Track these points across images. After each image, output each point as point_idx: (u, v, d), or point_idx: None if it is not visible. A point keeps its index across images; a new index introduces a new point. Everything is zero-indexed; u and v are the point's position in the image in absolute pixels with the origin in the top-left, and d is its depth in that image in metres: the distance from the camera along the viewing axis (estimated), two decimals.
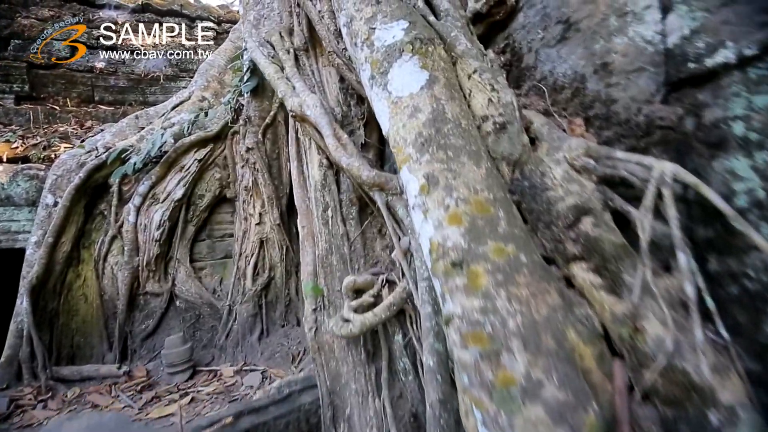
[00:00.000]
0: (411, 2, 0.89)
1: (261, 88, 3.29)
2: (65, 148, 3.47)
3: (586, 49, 0.84)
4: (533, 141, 0.83)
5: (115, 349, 3.12)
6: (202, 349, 3.30)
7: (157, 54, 5.39)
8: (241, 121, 3.33)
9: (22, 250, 3.03)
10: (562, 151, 0.77)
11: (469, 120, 0.79)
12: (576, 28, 0.84)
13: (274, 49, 1.66)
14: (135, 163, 2.99)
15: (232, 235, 3.64)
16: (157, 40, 5.50)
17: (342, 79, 1.63)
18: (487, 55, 0.86)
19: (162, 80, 5.17)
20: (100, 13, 5.35)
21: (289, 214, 3.46)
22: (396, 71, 0.79)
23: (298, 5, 1.62)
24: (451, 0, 0.90)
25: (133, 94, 5.05)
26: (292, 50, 1.63)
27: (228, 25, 6.32)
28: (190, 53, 5.65)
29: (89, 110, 4.44)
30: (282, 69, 1.59)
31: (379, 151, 1.67)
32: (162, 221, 3.16)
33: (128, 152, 3.10)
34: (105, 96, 4.92)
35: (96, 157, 3.05)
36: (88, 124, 4.17)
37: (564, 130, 0.82)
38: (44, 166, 3.23)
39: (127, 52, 5.21)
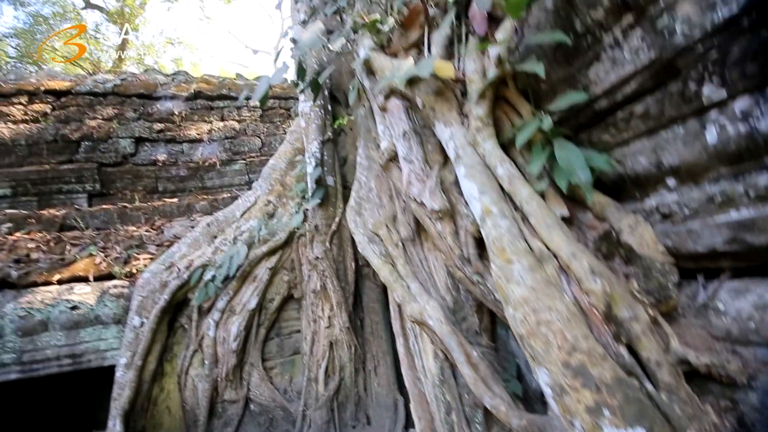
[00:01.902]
0: (613, 348, 0.82)
1: (326, 197, 3.33)
2: (144, 259, 3.56)
3: None
4: None
5: None
6: None
7: (210, 140, 5.58)
8: (307, 226, 3.36)
9: (110, 368, 3.09)
10: None
11: None
12: None
13: (382, 241, 1.64)
14: (215, 283, 3.03)
15: (299, 331, 3.64)
16: (210, 126, 5.69)
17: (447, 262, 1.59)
18: None
19: (218, 165, 5.32)
20: (158, 105, 5.60)
21: (354, 311, 3.44)
22: None
23: (404, 200, 1.60)
24: (667, 365, 0.81)
25: (192, 181, 5.20)
26: (400, 243, 1.60)
27: (272, 101, 6.50)
28: (240, 135, 5.82)
29: (156, 205, 4.58)
30: (393, 265, 1.57)
31: (491, 336, 1.61)
32: (239, 332, 3.18)
33: (206, 269, 3.16)
34: (168, 185, 5.09)
35: (177, 276, 3.12)
36: (158, 222, 4.30)
37: None
38: (127, 283, 3.31)
39: (186, 142, 5.41)
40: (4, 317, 3.03)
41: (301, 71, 2.10)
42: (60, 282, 3.30)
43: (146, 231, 4.10)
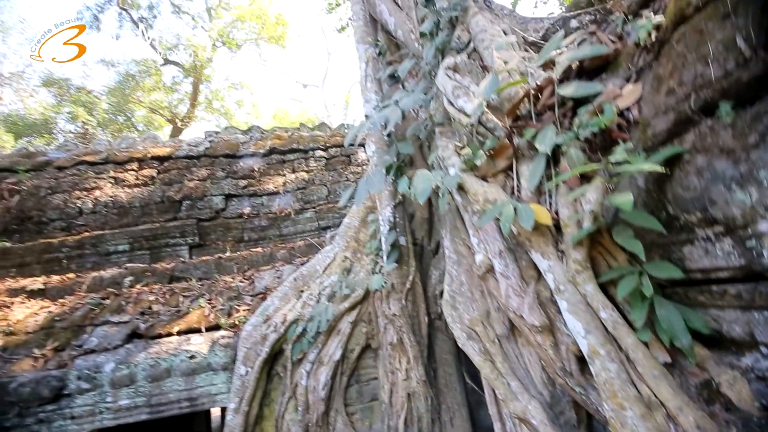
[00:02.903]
0: None
1: (399, 258, 3.62)
2: (243, 310, 4.06)
3: None
4: None
5: None
6: None
7: (285, 192, 6.15)
8: (383, 283, 3.66)
9: (219, 409, 3.55)
10: None
11: None
12: None
13: (479, 337, 1.87)
14: (308, 338, 3.42)
15: (375, 378, 3.91)
16: (284, 179, 6.29)
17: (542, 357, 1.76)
18: None
19: (292, 215, 5.85)
20: (241, 163, 6.30)
21: (428, 362, 3.65)
22: None
23: (496, 300, 1.83)
24: None
25: (271, 229, 5.77)
26: (496, 340, 1.82)
27: (334, 149, 7.00)
28: (309, 185, 6.35)
29: (244, 255, 5.14)
30: (493, 362, 1.79)
31: (588, 430, 1.75)
32: (326, 381, 3.52)
33: (298, 323, 3.55)
34: (251, 235, 5.69)
35: (275, 330, 3.54)
36: (249, 272, 4.83)
37: None
38: (232, 333, 3.79)
39: (265, 195, 6.03)
40: (138, 365, 3.60)
41: (389, 169, 2.42)
42: (179, 333, 3.86)
43: (240, 281, 4.64)
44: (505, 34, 2.69)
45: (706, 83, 0.96)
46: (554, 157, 1.60)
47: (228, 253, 5.29)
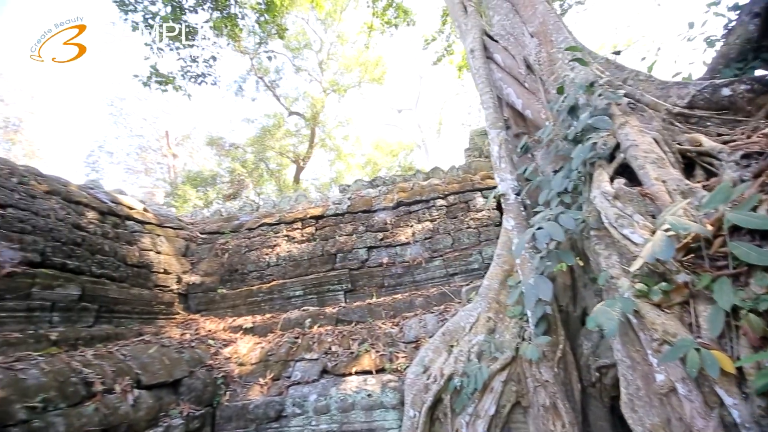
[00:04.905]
0: None
1: (548, 329, 3.93)
2: (401, 357, 4.82)
3: None
4: None
5: None
6: None
7: (414, 241, 6.87)
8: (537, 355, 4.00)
9: None
10: None
11: None
12: None
13: None
14: (466, 393, 3.96)
15: None
16: (412, 230, 7.02)
17: None
18: None
19: (423, 263, 6.53)
20: (375, 217, 7.25)
21: (582, 427, 3.86)
22: None
23: (677, 411, 2.10)
24: None
25: (406, 276, 6.52)
26: None
27: (453, 197, 7.50)
28: (435, 235, 6.96)
29: (388, 301, 5.97)
30: None
31: None
32: None
33: (454, 377, 4.13)
34: (390, 281, 6.52)
35: (435, 382, 4.17)
36: (396, 318, 5.63)
37: None
38: (396, 377, 4.56)
39: (398, 246, 6.84)
40: (331, 398, 4.59)
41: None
42: (357, 373, 4.79)
43: (391, 327, 5.45)
44: (656, 142, 2.88)
45: None
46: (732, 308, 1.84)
47: (374, 299, 6.21)
